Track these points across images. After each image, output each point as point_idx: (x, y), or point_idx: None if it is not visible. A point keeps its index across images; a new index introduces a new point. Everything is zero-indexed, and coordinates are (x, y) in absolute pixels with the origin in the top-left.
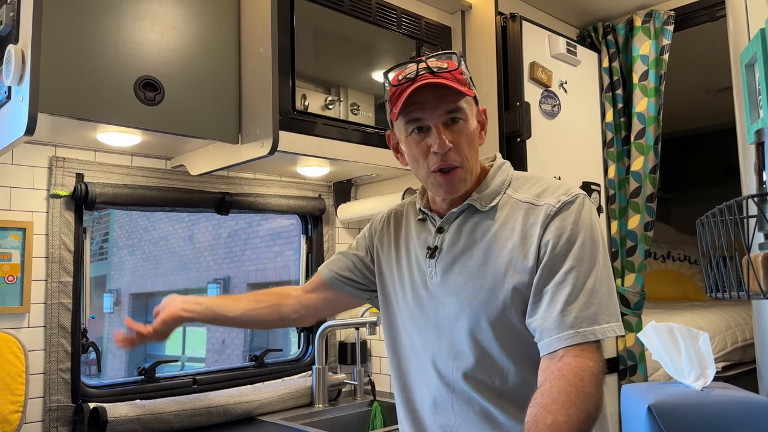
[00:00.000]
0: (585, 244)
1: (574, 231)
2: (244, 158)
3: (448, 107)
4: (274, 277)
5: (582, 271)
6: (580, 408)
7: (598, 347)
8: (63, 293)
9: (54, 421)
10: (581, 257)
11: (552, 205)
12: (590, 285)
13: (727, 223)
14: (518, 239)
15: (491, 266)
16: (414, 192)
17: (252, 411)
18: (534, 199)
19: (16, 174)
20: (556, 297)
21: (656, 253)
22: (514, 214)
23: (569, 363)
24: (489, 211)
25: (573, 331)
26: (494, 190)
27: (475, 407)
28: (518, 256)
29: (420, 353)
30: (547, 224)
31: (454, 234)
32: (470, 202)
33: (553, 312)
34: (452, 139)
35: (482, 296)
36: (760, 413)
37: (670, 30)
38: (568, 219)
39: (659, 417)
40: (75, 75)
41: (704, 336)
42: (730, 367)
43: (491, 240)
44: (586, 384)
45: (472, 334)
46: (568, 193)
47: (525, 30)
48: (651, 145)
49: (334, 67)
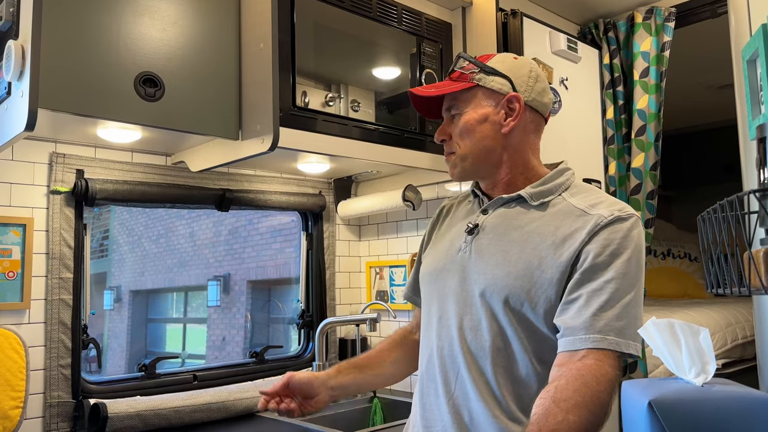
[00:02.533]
0: (630, 260)
1: (621, 246)
2: (244, 154)
3: (446, 105)
4: (275, 275)
5: (622, 285)
6: (591, 412)
7: (618, 359)
8: (63, 289)
9: (54, 417)
10: (625, 272)
11: (604, 217)
12: (627, 300)
13: (729, 218)
14: (559, 239)
15: (525, 255)
16: (414, 189)
17: (252, 407)
18: (587, 208)
19: (17, 170)
20: (591, 301)
21: (657, 251)
22: (563, 215)
23: (590, 365)
24: (538, 207)
25: (600, 336)
26: (549, 189)
27: (477, 382)
28: (554, 253)
29: (442, 321)
30: (594, 233)
31: (497, 217)
32: (521, 194)
33: (584, 314)
34: (449, 131)
35: (509, 281)
36: (761, 409)
37: (671, 27)
38: (618, 234)
39: (660, 412)
40: (75, 70)
41: (705, 332)
42: (730, 365)
43: (532, 232)
44: (602, 390)
45: (491, 314)
46: (623, 210)
47: (526, 26)
48: (652, 142)
49: (335, 63)
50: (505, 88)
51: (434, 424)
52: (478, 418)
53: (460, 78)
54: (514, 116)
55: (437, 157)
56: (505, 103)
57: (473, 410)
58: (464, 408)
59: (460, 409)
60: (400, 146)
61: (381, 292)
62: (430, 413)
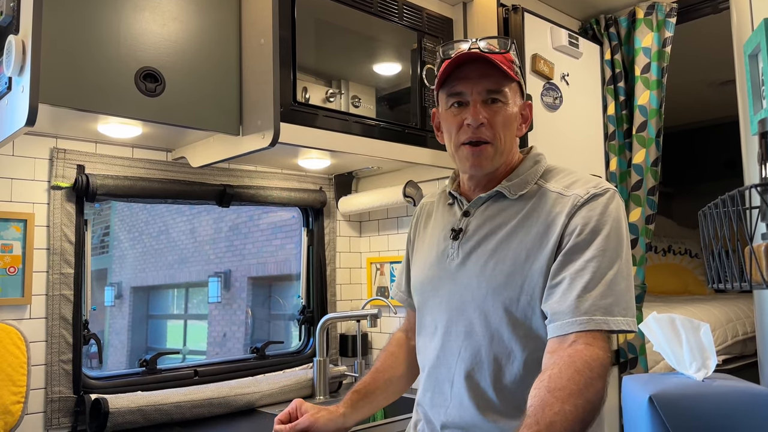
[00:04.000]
0: (610, 236)
1: (600, 222)
2: (245, 150)
3: (489, 86)
4: (275, 271)
5: (603, 262)
6: (586, 399)
7: (608, 338)
8: (64, 285)
9: (56, 412)
10: (604, 248)
11: (580, 196)
12: (610, 276)
13: (730, 213)
14: (542, 227)
15: (513, 252)
16: (415, 185)
17: (253, 402)
18: (563, 190)
19: (17, 165)
20: (575, 283)
21: (657, 247)
22: (542, 203)
23: (580, 351)
24: (517, 200)
25: (587, 318)
26: (524, 180)
27: (474, 390)
28: (540, 243)
29: (438, 330)
30: (573, 214)
31: (479, 218)
32: (499, 189)
33: (569, 297)
34: (487, 116)
35: (501, 280)
36: (762, 404)
37: (672, 22)
38: (595, 210)
39: (660, 408)
40: (76, 66)
41: (705, 327)
42: (730, 360)
43: (516, 227)
44: (595, 376)
45: (485, 317)
46: (598, 186)
47: (527, 22)
48: (653, 137)
49: (335, 59)
50: (522, 92)
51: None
52: (474, 423)
53: (511, 67)
54: (528, 122)
55: (438, 153)
56: (524, 107)
57: (469, 415)
58: (460, 413)
59: (461, 411)
60: (400, 142)
61: (381, 288)
62: (434, 410)
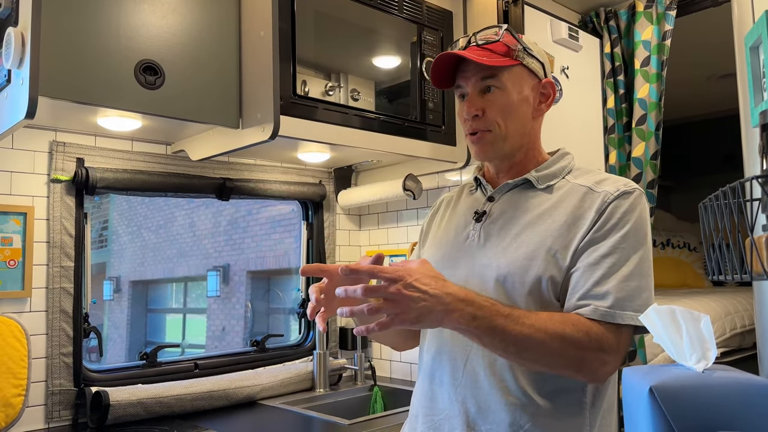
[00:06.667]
0: (629, 234)
1: (622, 220)
2: (244, 143)
3: (481, 75)
4: (275, 265)
5: (619, 259)
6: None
7: (615, 331)
8: (64, 278)
9: (56, 404)
10: (622, 246)
11: (610, 193)
12: (624, 273)
13: (731, 205)
14: (571, 219)
15: (538, 236)
16: (414, 178)
17: (253, 395)
18: (594, 185)
19: (17, 158)
20: (595, 274)
21: (656, 241)
22: (571, 196)
23: (586, 321)
24: (544, 190)
25: (606, 308)
26: (553, 173)
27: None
28: (567, 233)
29: None
30: (604, 210)
31: (504, 203)
32: (528, 177)
33: (577, 291)
34: (482, 106)
35: (522, 262)
36: (762, 394)
37: (672, 15)
38: (621, 207)
39: (661, 399)
40: (75, 58)
41: (706, 318)
42: (728, 353)
43: (542, 214)
44: (585, 343)
45: (504, 297)
46: (627, 185)
47: (527, 15)
48: (652, 131)
49: (335, 52)
50: (540, 72)
51: (438, 413)
52: (488, 406)
53: (507, 53)
54: (548, 102)
55: (438, 146)
56: (540, 87)
57: (482, 398)
58: (471, 397)
59: (466, 399)
60: (400, 135)
61: None
62: (435, 402)
